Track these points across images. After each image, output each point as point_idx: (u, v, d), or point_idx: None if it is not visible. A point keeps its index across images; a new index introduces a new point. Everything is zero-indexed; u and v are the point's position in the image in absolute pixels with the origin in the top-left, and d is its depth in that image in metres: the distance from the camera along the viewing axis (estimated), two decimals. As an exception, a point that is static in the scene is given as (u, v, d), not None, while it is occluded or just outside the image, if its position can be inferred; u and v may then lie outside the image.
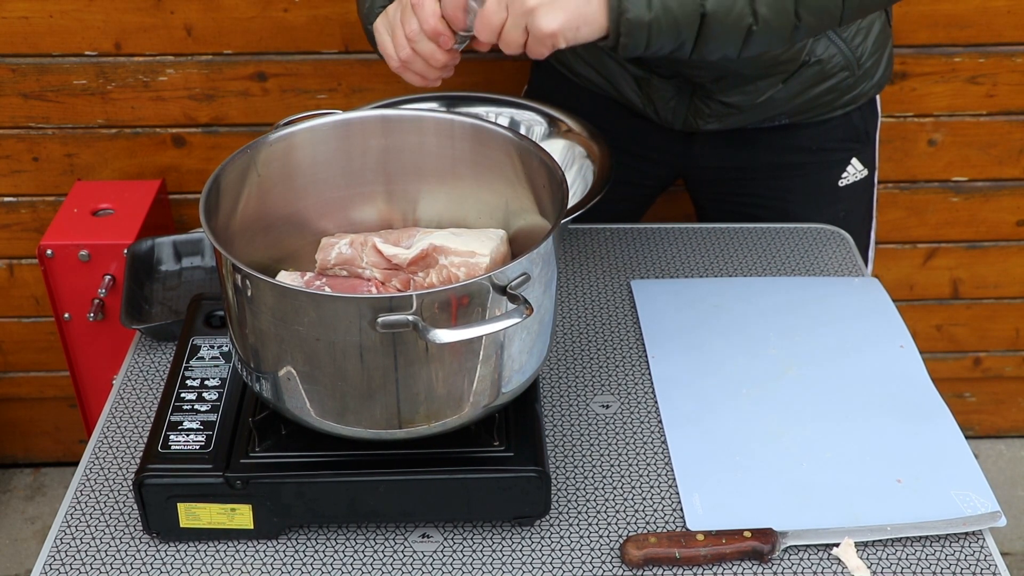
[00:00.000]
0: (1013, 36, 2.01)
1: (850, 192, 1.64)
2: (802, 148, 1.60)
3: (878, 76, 1.57)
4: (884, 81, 1.59)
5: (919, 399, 1.28)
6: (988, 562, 1.09)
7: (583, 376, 1.32)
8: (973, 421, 2.52)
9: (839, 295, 1.44)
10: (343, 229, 1.25)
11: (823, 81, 1.52)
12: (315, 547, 1.10)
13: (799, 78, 1.51)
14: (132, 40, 1.97)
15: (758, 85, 1.50)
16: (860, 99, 1.57)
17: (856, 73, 1.53)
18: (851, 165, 1.62)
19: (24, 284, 2.22)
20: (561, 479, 1.18)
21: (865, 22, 1.51)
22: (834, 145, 1.61)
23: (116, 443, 1.22)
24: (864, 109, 1.60)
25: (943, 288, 2.31)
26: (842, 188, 1.63)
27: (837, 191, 1.63)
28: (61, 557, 1.09)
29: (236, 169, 1.13)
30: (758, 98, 1.51)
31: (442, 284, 1.15)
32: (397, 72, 1.26)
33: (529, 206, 1.18)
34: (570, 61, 1.62)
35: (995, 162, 2.15)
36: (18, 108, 2.03)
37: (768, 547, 1.08)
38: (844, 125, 1.59)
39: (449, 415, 1.04)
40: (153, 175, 2.11)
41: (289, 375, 1.03)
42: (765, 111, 1.54)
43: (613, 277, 1.50)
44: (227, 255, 1.00)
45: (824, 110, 1.56)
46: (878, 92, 1.61)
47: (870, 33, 1.52)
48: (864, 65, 1.53)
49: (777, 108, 1.54)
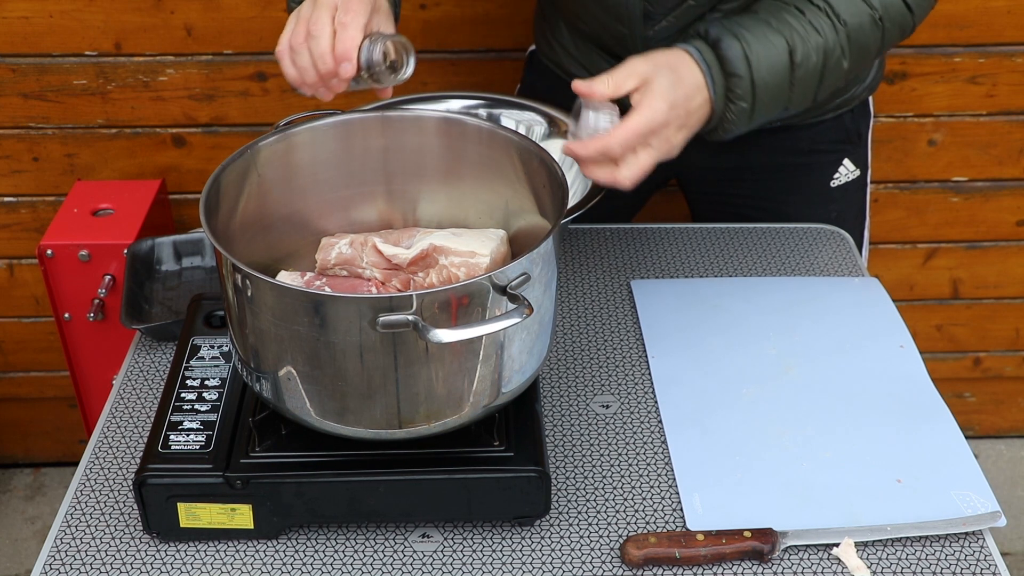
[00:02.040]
0: (1013, 36, 2.01)
1: (842, 192, 1.64)
2: (794, 149, 1.60)
3: (870, 79, 1.57)
4: (876, 83, 1.59)
5: (919, 399, 1.28)
6: (988, 562, 1.09)
7: (583, 376, 1.32)
8: (973, 421, 2.52)
9: (839, 295, 1.44)
10: (343, 229, 1.25)
11: None
12: (315, 547, 1.10)
13: None
14: (132, 40, 1.97)
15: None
16: (852, 102, 1.57)
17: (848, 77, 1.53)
18: (843, 166, 1.62)
19: (24, 284, 2.22)
20: (561, 479, 1.18)
21: None
22: (826, 146, 1.61)
23: (116, 443, 1.22)
24: (856, 110, 1.60)
25: (943, 288, 2.31)
26: (834, 188, 1.63)
27: (830, 191, 1.64)
28: (61, 557, 1.09)
29: (236, 169, 1.13)
30: None
31: (442, 284, 1.15)
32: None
33: (529, 206, 1.18)
34: (562, 60, 1.62)
35: (995, 162, 2.15)
36: (18, 108, 2.03)
37: (768, 547, 1.08)
38: (836, 127, 1.59)
39: (449, 415, 1.04)
40: (153, 175, 2.11)
41: (289, 375, 1.03)
42: None
43: (613, 277, 1.50)
44: (227, 255, 1.00)
45: (816, 113, 1.56)
46: (870, 94, 1.61)
47: None
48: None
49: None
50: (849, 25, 1.24)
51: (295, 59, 1.07)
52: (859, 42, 1.26)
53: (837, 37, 1.24)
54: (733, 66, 1.19)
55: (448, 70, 2.02)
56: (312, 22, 1.06)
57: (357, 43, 1.06)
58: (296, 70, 1.08)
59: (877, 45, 1.28)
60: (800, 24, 1.23)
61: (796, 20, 1.23)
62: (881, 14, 1.25)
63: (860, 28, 1.25)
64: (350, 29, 1.06)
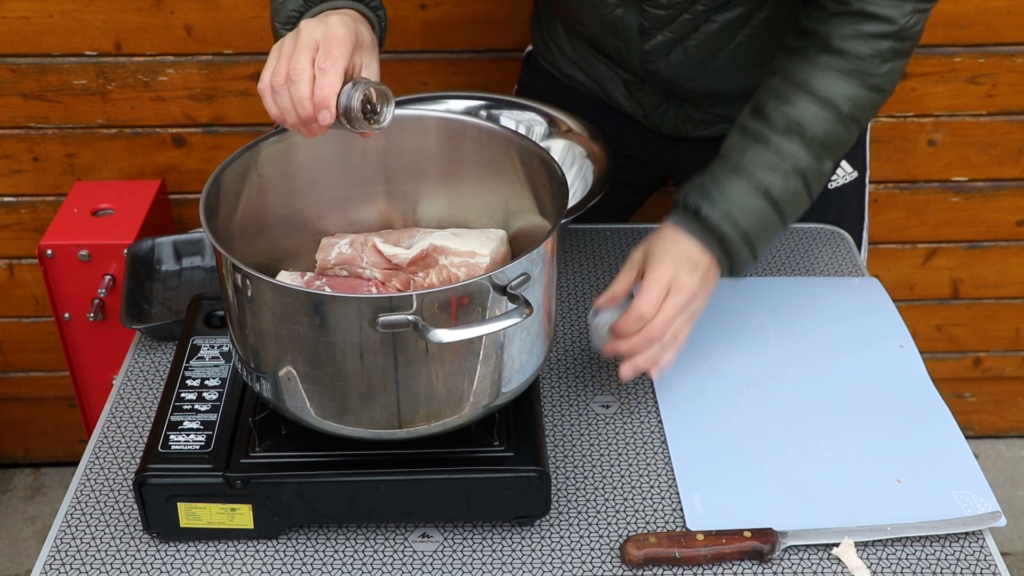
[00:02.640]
0: (1013, 36, 2.01)
1: (839, 194, 1.64)
2: None
3: None
4: None
5: (919, 399, 1.28)
6: (988, 562, 1.09)
7: (583, 376, 1.32)
8: (973, 421, 2.52)
9: (839, 295, 1.44)
10: (343, 229, 1.25)
11: None
12: (315, 547, 1.10)
13: None
14: (132, 40, 1.97)
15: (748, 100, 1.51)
16: None
17: None
18: (840, 168, 1.62)
19: (24, 284, 2.22)
20: (561, 479, 1.18)
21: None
22: None
23: (116, 443, 1.22)
24: None
25: (943, 288, 2.31)
26: (831, 191, 1.63)
27: (826, 193, 1.63)
28: (61, 557, 1.09)
29: (236, 169, 1.13)
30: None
31: (442, 284, 1.15)
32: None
33: (529, 206, 1.18)
34: (559, 62, 1.62)
35: (995, 162, 2.15)
36: (18, 108, 2.03)
37: (768, 547, 1.08)
38: None
39: (449, 415, 1.04)
40: (153, 175, 2.11)
41: (289, 375, 1.03)
42: None
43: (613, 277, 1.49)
44: (227, 255, 1.00)
45: None
46: None
47: None
48: None
49: None
50: (819, 136, 1.21)
51: (276, 99, 1.07)
52: (833, 143, 1.23)
53: (808, 152, 1.21)
54: (719, 228, 1.21)
55: (448, 70, 2.02)
56: (292, 64, 1.05)
57: (336, 90, 1.05)
58: (278, 109, 1.08)
59: (855, 135, 1.25)
60: (768, 156, 1.21)
61: (762, 155, 1.21)
62: (847, 111, 1.21)
63: (829, 133, 1.22)
64: (329, 75, 1.05)
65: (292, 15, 1.16)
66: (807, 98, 1.21)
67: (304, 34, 1.08)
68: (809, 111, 1.21)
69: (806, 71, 1.21)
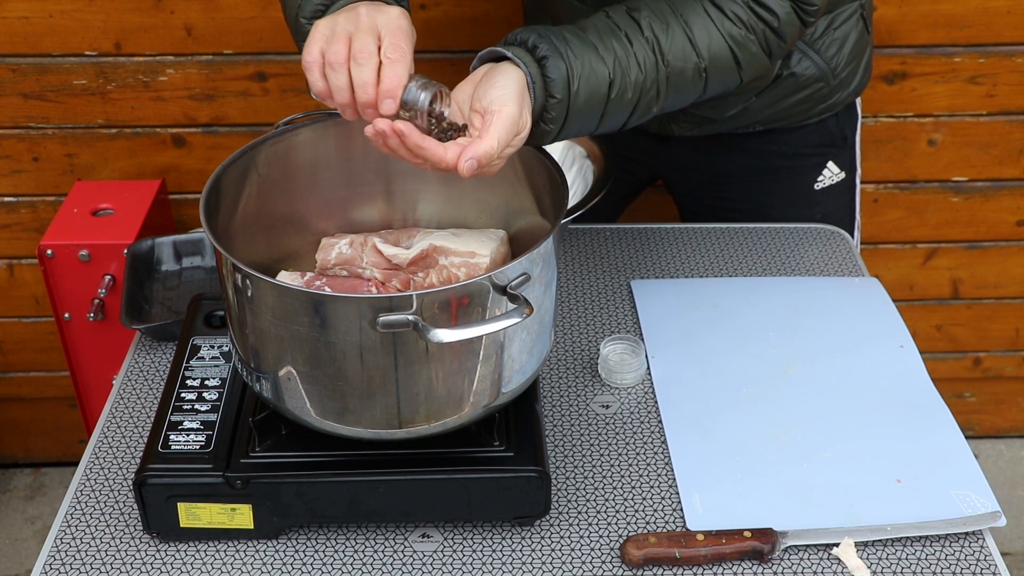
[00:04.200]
0: (1013, 36, 2.01)
1: (826, 195, 1.64)
2: (778, 153, 1.60)
3: (855, 84, 1.57)
4: (861, 88, 1.59)
5: (919, 399, 1.28)
6: (988, 562, 1.09)
7: (583, 376, 1.32)
8: (973, 421, 2.52)
9: (839, 295, 1.44)
10: (343, 229, 1.25)
11: (797, 92, 1.52)
12: (315, 547, 1.10)
13: (773, 90, 1.51)
14: (132, 40, 1.97)
15: (730, 100, 1.51)
16: (836, 107, 1.57)
17: (831, 83, 1.53)
18: (827, 168, 1.62)
19: (24, 284, 2.22)
20: (561, 479, 1.18)
21: (839, 33, 1.50)
22: (810, 150, 1.61)
23: (116, 443, 1.22)
24: (841, 114, 1.60)
25: (943, 288, 2.31)
26: (818, 191, 1.63)
27: (813, 194, 1.64)
28: (61, 557, 1.09)
29: (236, 169, 1.13)
30: (731, 110, 1.52)
31: (442, 284, 1.15)
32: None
33: (529, 206, 1.18)
34: None
35: (995, 162, 2.15)
36: (18, 108, 2.03)
37: (768, 547, 1.08)
38: (820, 130, 1.59)
39: (449, 415, 1.04)
40: (153, 175, 2.11)
41: (289, 375, 1.03)
42: (740, 120, 1.54)
43: (613, 277, 1.50)
44: (227, 255, 1.00)
45: (800, 118, 1.56)
46: (855, 98, 1.61)
47: (845, 44, 1.51)
48: (840, 75, 1.53)
49: (752, 117, 1.54)
50: (671, 67, 1.16)
51: (330, 75, 1.04)
52: (677, 87, 1.18)
53: (656, 76, 1.16)
54: (554, 87, 1.10)
55: (448, 70, 2.02)
56: (356, 46, 1.03)
57: (403, 82, 1.05)
58: (327, 85, 1.05)
59: (697, 94, 1.21)
60: (625, 54, 1.14)
61: (623, 49, 1.15)
62: (707, 65, 1.17)
63: (682, 73, 1.17)
64: (397, 67, 1.04)
65: (318, 8, 1.14)
66: (683, 32, 1.17)
67: (364, 19, 1.06)
68: (677, 44, 1.16)
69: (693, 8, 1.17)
